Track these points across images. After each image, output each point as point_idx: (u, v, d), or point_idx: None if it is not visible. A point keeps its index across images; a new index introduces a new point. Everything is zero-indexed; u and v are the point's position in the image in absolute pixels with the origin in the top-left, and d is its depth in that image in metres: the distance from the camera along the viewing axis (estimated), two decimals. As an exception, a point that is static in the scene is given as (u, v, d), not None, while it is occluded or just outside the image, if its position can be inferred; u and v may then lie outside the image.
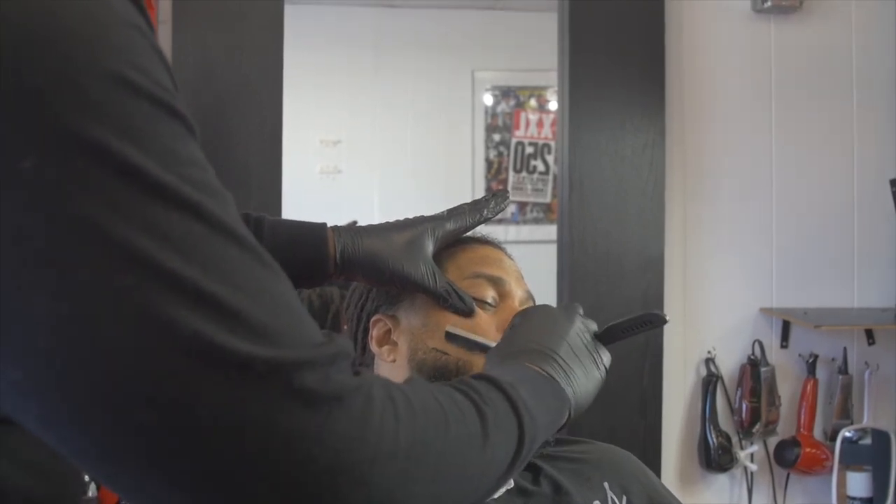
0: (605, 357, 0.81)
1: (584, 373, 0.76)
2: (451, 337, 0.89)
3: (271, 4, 1.74)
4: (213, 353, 0.40)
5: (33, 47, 0.39)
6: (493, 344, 0.85)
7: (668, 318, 0.82)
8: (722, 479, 1.92)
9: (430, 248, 0.90)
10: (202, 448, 0.40)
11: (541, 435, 0.64)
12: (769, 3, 1.88)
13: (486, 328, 0.90)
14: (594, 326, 0.83)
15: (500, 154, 4.02)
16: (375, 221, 0.92)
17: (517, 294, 0.95)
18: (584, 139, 1.84)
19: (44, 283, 0.38)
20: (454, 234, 0.92)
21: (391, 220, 0.91)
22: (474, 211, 0.94)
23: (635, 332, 0.83)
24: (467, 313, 0.90)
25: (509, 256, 1.00)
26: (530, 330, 0.79)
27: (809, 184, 1.95)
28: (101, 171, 0.39)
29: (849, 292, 1.96)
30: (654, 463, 1.82)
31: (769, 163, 1.93)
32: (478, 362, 0.87)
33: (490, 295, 0.93)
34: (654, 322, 0.82)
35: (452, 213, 0.93)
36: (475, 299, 0.91)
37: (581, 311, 0.83)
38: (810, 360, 1.91)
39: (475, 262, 0.95)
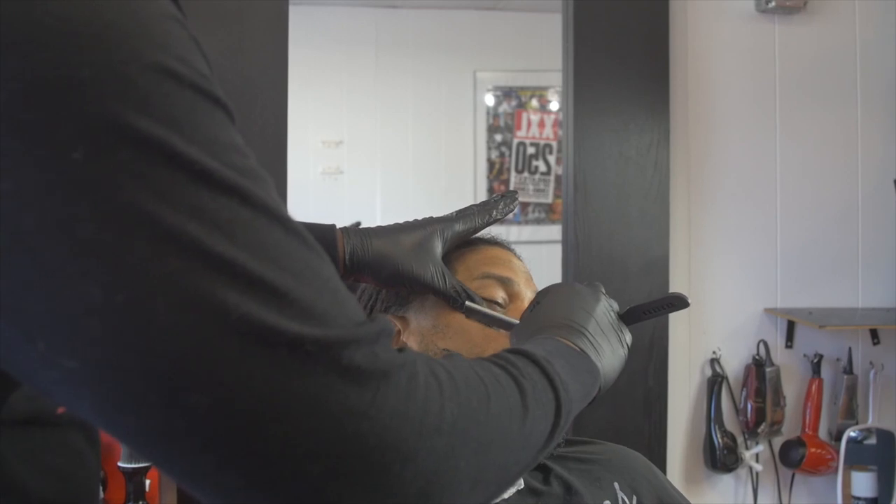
0: (628, 336, 0.82)
1: (611, 350, 0.77)
2: (470, 312, 0.89)
3: (275, 5, 1.74)
4: (263, 334, 0.41)
5: (78, 39, 0.40)
6: (513, 319, 0.85)
7: (689, 301, 0.82)
8: (727, 480, 1.92)
9: (439, 249, 0.90)
10: (254, 428, 0.40)
11: (575, 408, 0.64)
12: (773, 3, 1.88)
13: (496, 329, 0.90)
14: (616, 306, 0.83)
15: (501, 154, 4.03)
16: (378, 222, 0.92)
17: (526, 295, 0.95)
18: (588, 139, 1.84)
19: (95, 272, 0.39)
20: (463, 235, 0.92)
21: (393, 220, 0.91)
22: (483, 212, 0.94)
23: (657, 314, 0.84)
24: (477, 314, 0.90)
25: (518, 257, 1.00)
26: (557, 305, 0.79)
27: (814, 184, 1.95)
28: (148, 159, 0.40)
29: (853, 292, 1.96)
30: (660, 463, 1.82)
31: (773, 163, 1.94)
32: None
33: (500, 296, 0.93)
34: (676, 305, 0.83)
35: (461, 214, 0.93)
36: (485, 300, 0.91)
37: (603, 290, 0.84)
38: (815, 361, 1.92)
39: (484, 263, 0.95)
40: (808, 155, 1.95)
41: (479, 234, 0.96)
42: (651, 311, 0.83)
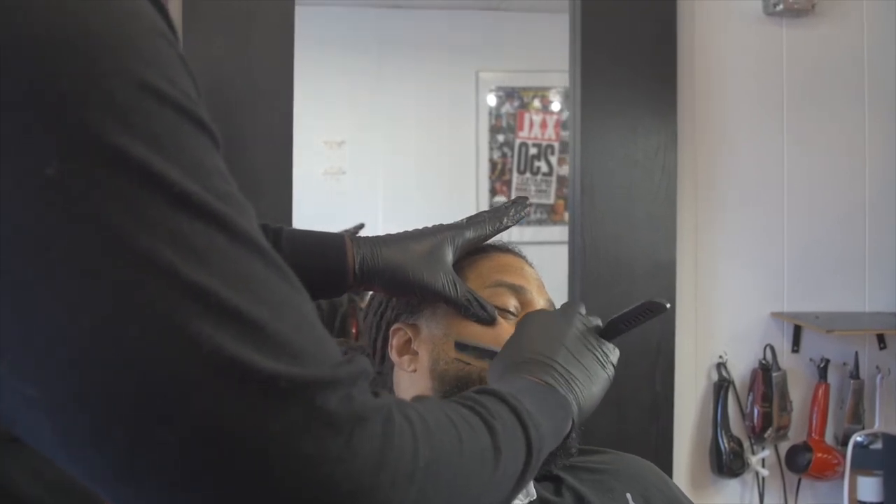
0: (613, 354, 0.80)
1: (587, 376, 0.75)
2: (461, 347, 0.88)
3: (282, 5, 1.73)
4: (235, 370, 0.39)
5: (60, 52, 0.38)
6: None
7: (667, 304, 0.80)
8: (733, 485, 1.91)
9: (449, 257, 0.89)
10: (222, 469, 0.39)
11: (547, 445, 0.64)
12: (781, 6, 1.87)
13: (508, 337, 0.89)
14: (596, 322, 0.81)
15: (504, 155, 4.01)
16: (380, 222, 0.92)
17: (538, 303, 0.94)
18: (595, 142, 1.83)
19: (64, 294, 0.38)
20: (474, 242, 0.92)
21: (396, 220, 0.91)
22: (494, 219, 0.93)
23: (639, 323, 0.81)
24: (489, 322, 0.89)
25: (530, 264, 0.99)
26: (527, 339, 0.78)
27: (820, 187, 1.94)
28: (126, 179, 0.39)
29: (860, 296, 1.95)
30: (666, 468, 1.80)
31: (780, 166, 1.93)
32: None
33: (512, 304, 0.92)
34: (654, 310, 0.80)
35: (472, 221, 0.92)
36: (497, 308, 0.90)
37: (582, 310, 0.82)
38: (822, 365, 1.91)
39: (496, 271, 0.95)
40: (815, 158, 1.94)
41: (490, 241, 0.95)
42: (630, 321, 0.81)
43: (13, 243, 0.37)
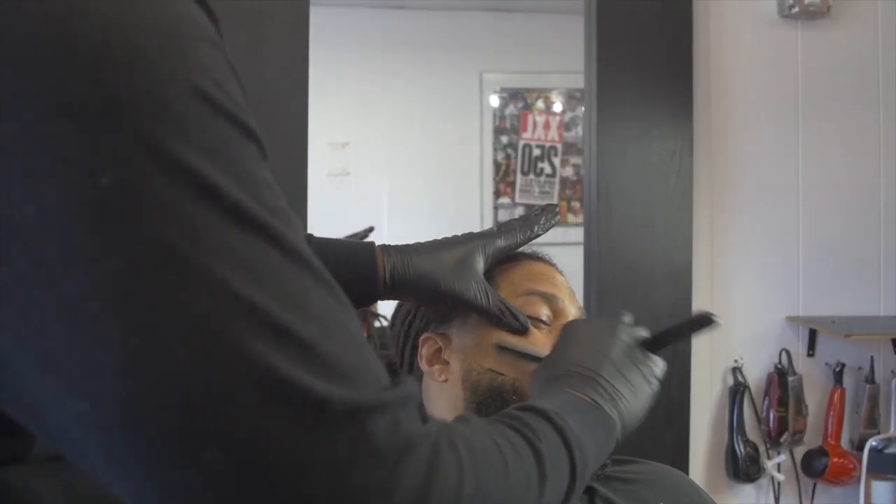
0: (657, 367, 0.78)
1: (632, 392, 0.73)
2: (500, 350, 0.87)
3: (297, 5, 1.72)
4: (287, 390, 0.38)
5: (114, 61, 0.38)
6: (543, 352, 0.83)
7: (721, 321, 0.78)
8: (748, 490, 1.90)
9: (480, 265, 0.88)
10: (268, 493, 0.38)
11: (590, 466, 0.62)
12: (796, 9, 1.86)
13: (541, 347, 0.88)
14: (642, 333, 0.79)
15: (507, 156, 4.01)
16: (384, 224, 0.91)
17: (570, 311, 0.93)
18: (610, 145, 1.82)
19: (115, 309, 0.37)
20: (505, 251, 0.90)
21: (400, 222, 0.90)
22: (525, 227, 0.92)
23: (685, 337, 0.81)
24: (522, 331, 0.88)
25: (560, 272, 0.98)
26: (572, 349, 0.76)
27: (836, 191, 1.93)
28: (181, 190, 0.38)
29: (874, 300, 1.95)
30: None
31: (795, 170, 1.92)
32: None
33: (544, 313, 0.91)
34: (703, 324, 0.78)
35: (502, 229, 0.91)
36: (529, 317, 0.89)
37: (627, 320, 0.81)
38: (837, 369, 1.90)
39: (528, 279, 0.93)
40: (830, 161, 1.93)
41: (520, 249, 0.94)
42: (678, 334, 0.80)
43: (64, 257, 0.37)
